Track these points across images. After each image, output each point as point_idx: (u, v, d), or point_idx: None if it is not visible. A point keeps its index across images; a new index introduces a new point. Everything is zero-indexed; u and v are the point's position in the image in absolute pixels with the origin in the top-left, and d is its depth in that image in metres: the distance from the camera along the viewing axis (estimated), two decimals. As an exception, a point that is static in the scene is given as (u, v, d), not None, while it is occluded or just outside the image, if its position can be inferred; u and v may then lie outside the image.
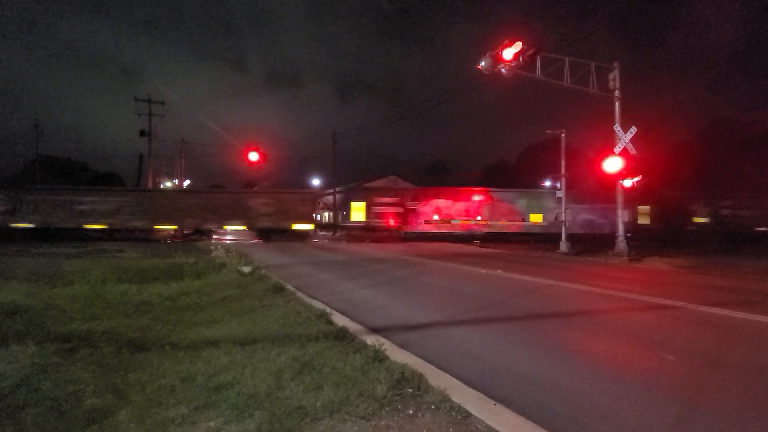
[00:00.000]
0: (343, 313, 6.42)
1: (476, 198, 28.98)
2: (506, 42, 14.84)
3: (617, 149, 15.97)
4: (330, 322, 5.44)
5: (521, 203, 29.40)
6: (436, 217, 28.40)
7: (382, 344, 4.45)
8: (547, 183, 34.61)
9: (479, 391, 3.56)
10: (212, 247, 18.41)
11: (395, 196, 29.14)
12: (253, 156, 23.42)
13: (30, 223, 23.95)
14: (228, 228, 25.84)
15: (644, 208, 30.08)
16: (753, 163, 34.19)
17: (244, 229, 25.87)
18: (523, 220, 29.16)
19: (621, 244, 16.75)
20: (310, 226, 26.17)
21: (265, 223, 25.36)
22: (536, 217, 29.36)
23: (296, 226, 25.65)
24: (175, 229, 25.67)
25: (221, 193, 30.41)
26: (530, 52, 15.03)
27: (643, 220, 29.96)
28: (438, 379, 3.71)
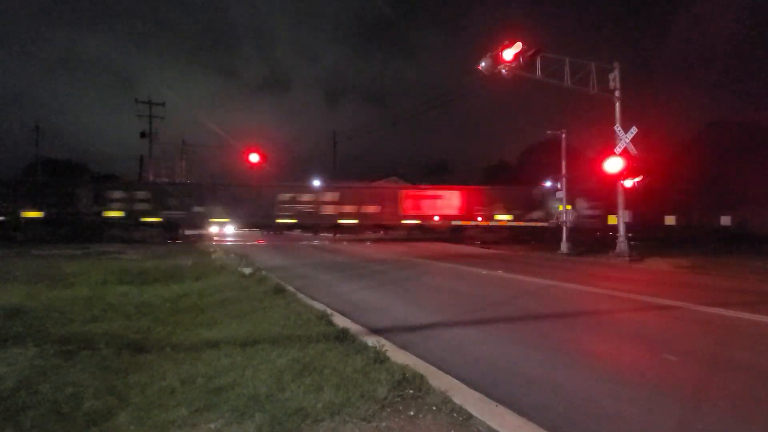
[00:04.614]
0: (343, 314, 6.41)
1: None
2: (506, 43, 14.85)
3: (618, 149, 15.95)
4: (331, 324, 5.43)
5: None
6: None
7: (383, 345, 4.44)
8: (548, 183, 34.38)
9: (480, 392, 3.54)
10: (212, 249, 18.44)
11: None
12: (254, 157, 23.49)
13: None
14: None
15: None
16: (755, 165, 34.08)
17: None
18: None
19: (622, 244, 16.72)
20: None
21: None
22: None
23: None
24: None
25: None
26: (530, 52, 15.02)
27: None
28: (439, 380, 3.70)
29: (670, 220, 28.79)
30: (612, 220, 27.01)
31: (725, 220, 28.58)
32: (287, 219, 26.48)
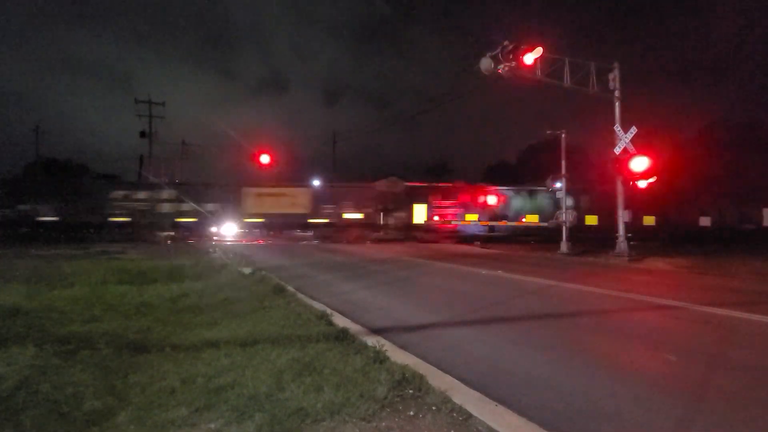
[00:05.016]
0: (343, 314, 6.41)
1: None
2: (506, 43, 14.84)
3: (617, 150, 15.95)
4: (330, 323, 5.43)
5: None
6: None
7: (383, 345, 4.44)
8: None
9: (480, 391, 3.55)
10: (212, 249, 18.45)
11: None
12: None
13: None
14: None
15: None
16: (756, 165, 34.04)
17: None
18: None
19: (622, 244, 16.71)
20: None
21: None
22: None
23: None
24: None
25: None
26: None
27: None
28: (439, 379, 3.70)
29: (704, 221, 28.72)
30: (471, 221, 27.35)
31: None
32: (121, 218, 25.10)
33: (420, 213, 27.58)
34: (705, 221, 28.79)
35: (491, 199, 28.69)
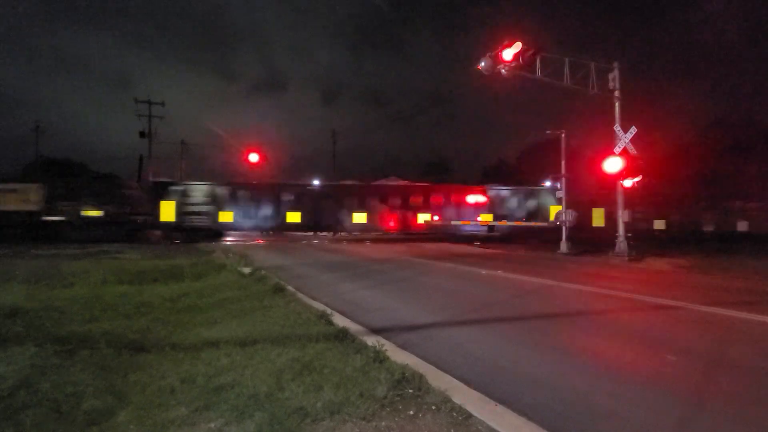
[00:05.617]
0: (343, 313, 6.41)
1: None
2: (505, 42, 14.86)
3: (617, 149, 15.97)
4: (330, 323, 5.43)
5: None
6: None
7: (383, 345, 4.45)
8: (547, 183, 34.30)
9: (480, 391, 3.55)
10: (211, 249, 18.44)
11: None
12: (253, 157, 23.48)
13: None
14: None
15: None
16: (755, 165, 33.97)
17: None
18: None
19: (621, 244, 16.72)
20: None
21: None
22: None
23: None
24: None
25: None
26: (529, 52, 15.04)
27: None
28: (439, 379, 3.70)
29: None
30: (225, 217, 26.81)
31: None
32: None
33: (168, 211, 26.48)
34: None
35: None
